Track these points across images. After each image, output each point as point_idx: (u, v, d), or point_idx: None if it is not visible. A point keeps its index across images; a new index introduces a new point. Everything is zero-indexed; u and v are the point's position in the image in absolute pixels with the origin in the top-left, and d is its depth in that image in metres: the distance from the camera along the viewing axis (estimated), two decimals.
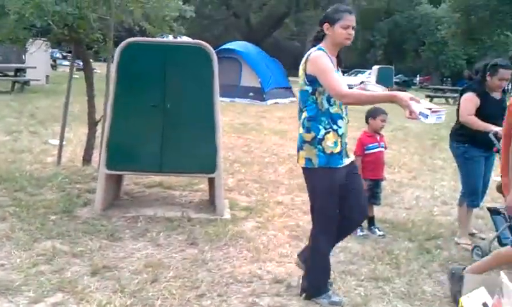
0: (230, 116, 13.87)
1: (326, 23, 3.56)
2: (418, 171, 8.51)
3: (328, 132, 3.52)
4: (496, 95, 5.12)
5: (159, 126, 5.22)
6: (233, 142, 10.13)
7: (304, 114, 3.63)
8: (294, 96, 20.90)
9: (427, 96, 27.29)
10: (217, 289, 3.81)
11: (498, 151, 4.76)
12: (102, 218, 5.09)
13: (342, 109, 3.59)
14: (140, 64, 5.23)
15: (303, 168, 3.66)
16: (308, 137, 3.58)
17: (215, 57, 5.39)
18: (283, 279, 4.01)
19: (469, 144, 5.06)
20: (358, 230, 5.16)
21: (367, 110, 5.34)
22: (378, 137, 5.26)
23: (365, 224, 5.28)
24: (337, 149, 3.55)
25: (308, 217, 5.54)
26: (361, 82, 5.94)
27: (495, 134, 4.82)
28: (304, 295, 3.73)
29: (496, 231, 4.84)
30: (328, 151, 3.52)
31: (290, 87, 21.14)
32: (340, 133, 3.57)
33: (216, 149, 5.31)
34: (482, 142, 5.05)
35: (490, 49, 38.25)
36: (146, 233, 4.84)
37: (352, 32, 3.54)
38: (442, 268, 4.46)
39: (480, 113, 4.98)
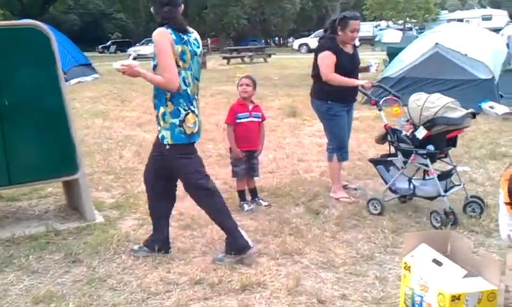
0: None
1: None
2: None
3: (188, 114, 3.69)
4: (349, 50, 5.26)
5: None
6: None
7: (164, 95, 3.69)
8: (96, 72, 19.61)
9: (224, 57, 28.03)
10: None
11: (376, 104, 4.93)
12: None
13: (193, 90, 3.79)
14: None
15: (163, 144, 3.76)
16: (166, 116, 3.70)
17: (54, 38, 4.57)
18: (201, 279, 3.60)
19: (332, 101, 5.15)
20: (245, 205, 4.96)
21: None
22: (251, 107, 5.01)
23: (248, 197, 5.11)
24: (196, 129, 3.80)
25: (187, 202, 5.22)
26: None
27: (363, 87, 4.97)
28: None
29: (383, 179, 4.97)
30: (189, 132, 3.72)
31: (91, 63, 19.75)
32: (196, 113, 3.80)
33: (73, 146, 4.57)
34: (343, 97, 5.19)
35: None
36: (12, 260, 3.96)
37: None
38: (339, 227, 4.50)
39: (336, 69, 5.06)
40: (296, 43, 44.11)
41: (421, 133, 4.46)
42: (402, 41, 26.99)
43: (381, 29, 45.39)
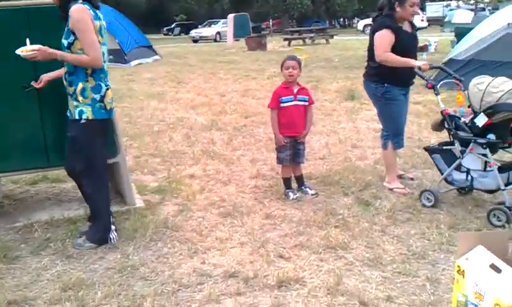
0: None
1: None
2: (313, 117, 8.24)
3: (107, 89, 3.77)
4: (408, 28, 4.85)
5: (36, 112, 4.21)
6: None
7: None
8: (157, 54, 19.80)
9: (285, 39, 27.63)
10: (164, 302, 3.08)
11: (433, 87, 4.51)
12: None
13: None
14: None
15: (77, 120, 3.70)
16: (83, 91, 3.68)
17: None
18: (236, 272, 3.39)
19: (388, 84, 4.75)
20: (290, 193, 4.69)
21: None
22: (295, 89, 4.70)
23: (295, 185, 4.85)
24: (114, 104, 3.89)
25: (231, 188, 5.03)
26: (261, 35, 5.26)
27: (419, 69, 4.55)
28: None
29: (439, 169, 4.57)
30: (109, 107, 3.77)
31: (151, 45, 19.94)
32: (111, 89, 3.84)
33: (113, 128, 4.43)
34: (401, 80, 4.79)
35: None
36: (49, 243, 3.91)
37: None
38: (390, 220, 4.15)
39: (396, 49, 4.66)
40: (361, 24, 42.86)
41: (481, 120, 4.06)
42: (473, 22, 25.60)
43: (451, 10, 43.35)
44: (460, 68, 9.88)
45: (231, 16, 31.30)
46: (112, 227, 3.93)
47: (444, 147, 4.48)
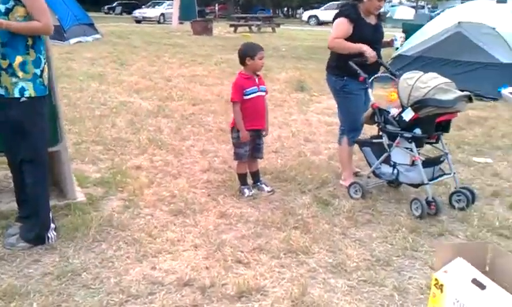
0: None
1: None
2: None
3: (45, 64, 3.41)
4: (372, 20, 4.68)
5: None
6: None
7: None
8: (98, 33, 18.93)
9: (232, 25, 27.22)
10: None
11: (364, 81, 4.39)
12: None
13: None
14: None
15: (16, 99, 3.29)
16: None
17: None
18: (191, 279, 3.08)
19: (348, 77, 4.57)
20: (245, 190, 4.42)
21: (243, 49, 4.45)
22: (257, 79, 4.42)
23: (250, 181, 4.58)
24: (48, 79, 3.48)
25: (182, 182, 4.70)
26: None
27: (362, 55, 4.42)
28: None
29: (368, 162, 4.59)
30: (46, 83, 3.42)
31: (93, 23, 19.02)
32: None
33: (55, 114, 3.99)
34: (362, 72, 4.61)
35: None
36: None
37: None
38: (351, 222, 3.97)
39: (354, 39, 4.50)
40: (306, 15, 43.02)
41: (408, 115, 4.08)
42: (415, 18, 26.16)
43: (392, 6, 44.26)
44: (408, 64, 9.91)
45: None
46: (52, 225, 3.51)
47: (374, 140, 4.47)
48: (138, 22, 35.41)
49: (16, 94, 3.26)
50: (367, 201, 4.33)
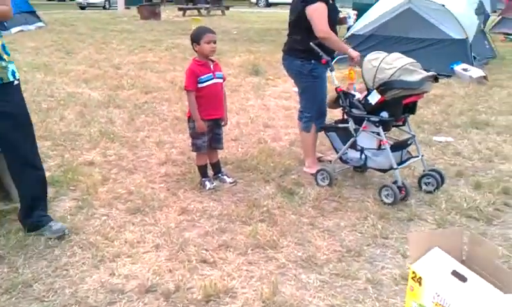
0: None
1: None
2: None
3: None
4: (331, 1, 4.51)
5: None
6: None
7: None
8: (41, 21, 18.10)
9: (180, 8, 26.64)
10: None
11: (327, 63, 4.28)
12: None
13: None
14: None
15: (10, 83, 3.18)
16: None
17: None
18: (154, 285, 2.88)
19: (315, 60, 4.38)
20: (206, 183, 4.22)
21: (191, 36, 4.21)
22: (212, 66, 4.20)
23: (210, 172, 4.38)
24: None
25: (139, 178, 4.45)
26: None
27: (352, 60, 4.30)
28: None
29: (334, 148, 4.48)
30: None
31: (34, 11, 18.14)
32: None
33: None
34: (327, 56, 4.44)
35: None
36: None
37: None
38: (317, 211, 3.84)
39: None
40: None
41: (374, 97, 3.94)
42: None
43: None
44: (360, 43, 9.88)
45: None
46: None
47: (339, 125, 4.35)
48: (82, 8, 34.19)
49: (11, 78, 3.16)
50: (332, 188, 4.21)
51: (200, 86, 4.09)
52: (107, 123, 6.11)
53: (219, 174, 4.38)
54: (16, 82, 3.20)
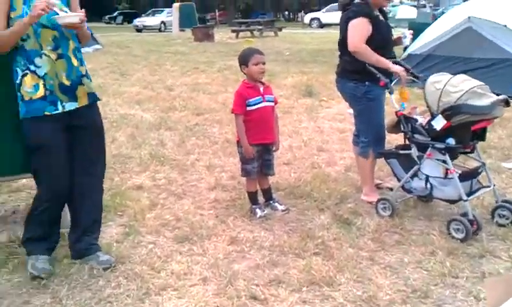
0: None
1: None
2: None
3: (25, 75, 2.96)
4: (382, 18, 4.27)
5: None
6: None
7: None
8: (98, 43, 18.60)
9: (234, 31, 26.85)
10: None
11: (386, 85, 4.00)
12: None
13: (40, 44, 2.95)
14: None
15: None
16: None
17: None
18: None
19: (370, 82, 4.13)
20: (257, 210, 4.00)
21: (238, 58, 4.05)
22: (262, 88, 4.00)
23: (261, 199, 4.16)
24: (39, 94, 2.96)
25: (187, 203, 4.29)
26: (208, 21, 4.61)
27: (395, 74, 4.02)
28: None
29: (395, 175, 4.14)
30: (27, 98, 2.97)
31: (92, 33, 18.64)
32: (40, 74, 2.96)
33: None
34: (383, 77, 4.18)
35: None
36: None
37: None
38: (378, 244, 3.54)
39: (374, 42, 4.06)
40: (307, 18, 42.53)
41: (439, 123, 3.63)
42: (418, 17, 25.68)
43: (393, 5, 43.73)
44: (418, 64, 9.48)
45: (176, 5, 30.06)
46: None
47: (400, 151, 4.02)
48: (139, 31, 35.20)
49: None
50: (393, 219, 3.89)
51: (248, 109, 3.90)
52: (157, 145, 6.02)
53: (271, 202, 4.16)
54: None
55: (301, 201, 4.31)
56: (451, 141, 3.64)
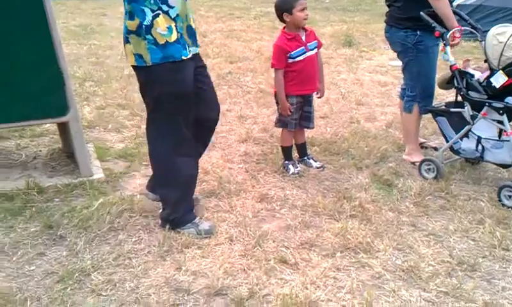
0: (62, 17, 11.18)
1: None
2: None
3: (157, 16, 2.60)
4: None
5: None
6: (75, 51, 7.86)
7: None
8: None
9: None
10: None
11: (441, 36, 3.58)
12: None
13: None
14: None
15: (134, 67, 2.77)
16: (133, 25, 2.63)
17: None
18: (224, 287, 2.46)
19: (422, 31, 3.74)
20: (290, 166, 3.73)
21: (277, 4, 3.69)
22: (304, 37, 3.65)
23: (295, 155, 3.89)
24: (173, 37, 2.64)
25: (216, 155, 4.05)
26: None
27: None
28: (167, 226, 2.90)
29: (443, 135, 3.81)
30: (162, 41, 2.62)
31: None
32: (172, 15, 2.64)
33: (60, 80, 3.35)
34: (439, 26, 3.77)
35: None
36: None
37: None
38: (421, 209, 3.24)
39: None
40: None
41: (499, 79, 3.31)
42: None
43: None
44: (467, 15, 8.88)
45: None
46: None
47: (452, 109, 3.66)
48: None
49: (132, 63, 2.80)
50: (438, 182, 3.57)
51: (290, 61, 3.58)
52: None
53: (305, 158, 3.88)
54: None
55: (337, 158, 4.02)
56: (511, 100, 3.27)
